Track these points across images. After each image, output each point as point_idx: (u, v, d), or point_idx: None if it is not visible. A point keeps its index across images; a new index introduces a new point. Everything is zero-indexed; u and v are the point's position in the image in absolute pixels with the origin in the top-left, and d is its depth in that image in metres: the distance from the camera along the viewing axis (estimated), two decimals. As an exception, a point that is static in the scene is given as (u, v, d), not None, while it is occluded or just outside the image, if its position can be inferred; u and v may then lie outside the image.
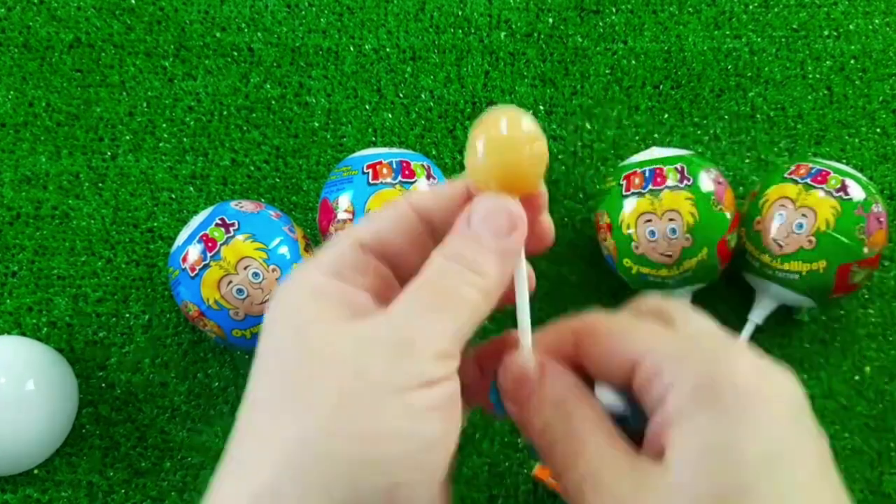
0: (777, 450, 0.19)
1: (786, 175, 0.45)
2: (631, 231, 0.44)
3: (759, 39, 0.56)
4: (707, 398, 0.19)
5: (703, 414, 0.19)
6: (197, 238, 0.42)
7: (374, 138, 0.54)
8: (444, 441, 0.19)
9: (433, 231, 0.23)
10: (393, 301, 0.20)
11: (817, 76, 0.55)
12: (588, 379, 0.23)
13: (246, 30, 0.56)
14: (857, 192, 0.43)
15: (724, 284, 0.50)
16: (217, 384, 0.48)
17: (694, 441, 0.19)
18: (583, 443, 0.21)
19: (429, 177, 0.45)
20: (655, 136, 0.54)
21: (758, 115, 0.54)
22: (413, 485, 0.18)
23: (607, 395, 0.23)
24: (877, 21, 0.57)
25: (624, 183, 0.45)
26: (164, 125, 0.53)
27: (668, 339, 0.21)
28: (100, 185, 0.52)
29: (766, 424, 0.19)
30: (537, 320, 0.23)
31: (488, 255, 0.21)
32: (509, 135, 0.21)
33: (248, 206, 0.44)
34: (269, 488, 0.17)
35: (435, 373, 0.19)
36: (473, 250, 0.21)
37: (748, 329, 0.48)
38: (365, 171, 0.44)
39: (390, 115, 0.54)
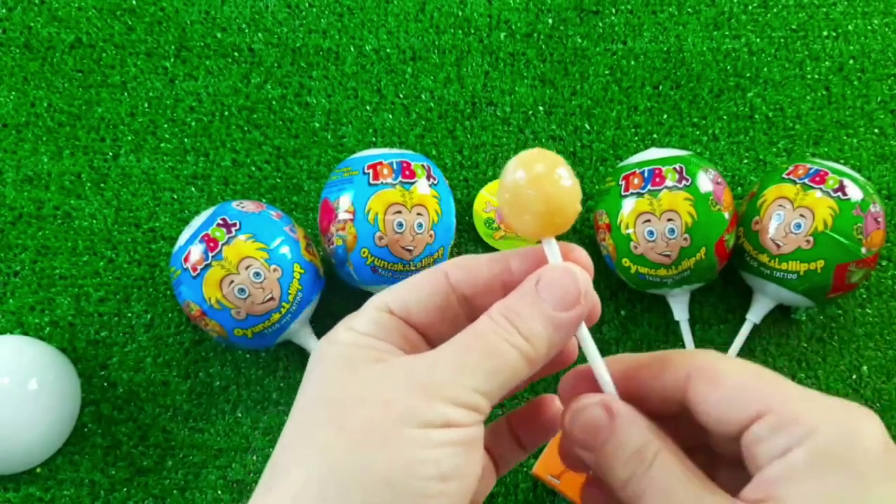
0: None
1: (784, 175, 0.46)
2: (630, 231, 0.44)
3: (758, 40, 0.56)
4: (837, 460, 0.18)
5: (833, 476, 0.18)
6: (198, 238, 0.42)
7: (374, 139, 0.54)
8: (460, 474, 0.19)
9: (468, 305, 0.23)
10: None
11: (816, 76, 0.55)
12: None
13: (247, 30, 0.56)
14: (854, 193, 0.44)
15: (722, 284, 0.50)
16: (218, 383, 0.48)
17: (818, 501, 0.18)
18: (671, 495, 0.20)
19: (429, 177, 0.45)
20: (654, 136, 0.54)
21: (756, 116, 0.55)
22: None
23: None
24: (875, 21, 0.57)
25: (623, 183, 0.45)
26: (166, 125, 0.54)
27: (797, 392, 0.20)
28: (101, 185, 0.52)
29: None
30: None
31: (543, 322, 0.21)
32: (553, 179, 0.21)
33: (249, 206, 0.44)
34: (305, 498, 0.19)
35: (456, 418, 0.19)
36: (530, 313, 0.21)
37: (746, 328, 0.48)
38: (365, 171, 0.44)
39: (390, 116, 0.54)
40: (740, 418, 0.20)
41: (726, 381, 0.21)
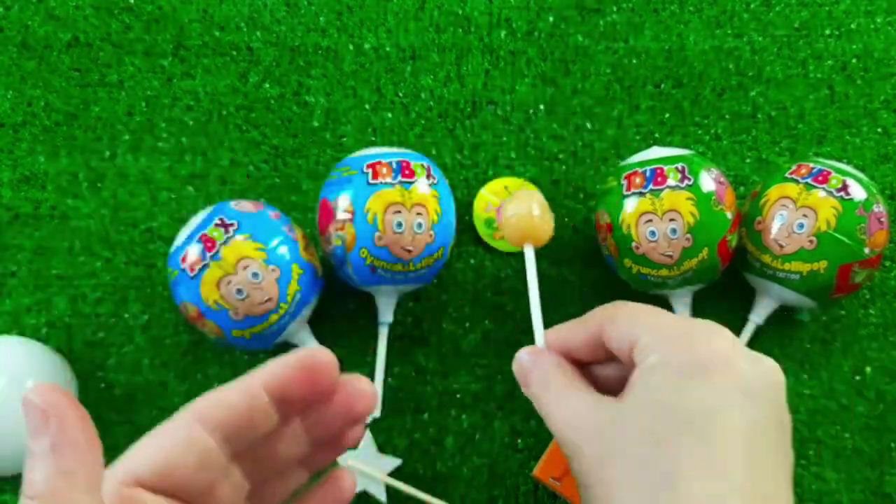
0: (714, 406, 0.25)
1: (787, 175, 0.45)
2: (631, 231, 0.44)
3: (760, 38, 0.56)
4: (666, 367, 0.27)
5: (660, 376, 0.27)
6: (196, 238, 0.42)
7: (373, 138, 0.53)
8: None
9: (231, 450, 0.24)
10: None
11: (819, 75, 0.55)
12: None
13: (245, 28, 0.56)
14: (858, 192, 0.43)
15: (725, 284, 0.50)
16: (216, 384, 0.48)
17: (653, 381, 0.27)
18: (556, 398, 0.29)
19: (428, 176, 0.45)
20: (656, 135, 0.54)
21: (759, 115, 0.54)
22: None
23: None
24: (879, 20, 0.56)
25: (624, 182, 0.45)
26: (163, 125, 0.53)
27: (663, 326, 0.28)
28: (98, 184, 0.52)
29: (718, 385, 0.26)
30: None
31: None
32: (535, 220, 0.37)
33: (247, 205, 0.44)
34: None
35: None
36: None
37: (749, 329, 0.48)
38: (364, 170, 0.44)
39: (390, 115, 0.54)
40: (625, 348, 0.29)
41: (616, 325, 0.29)
